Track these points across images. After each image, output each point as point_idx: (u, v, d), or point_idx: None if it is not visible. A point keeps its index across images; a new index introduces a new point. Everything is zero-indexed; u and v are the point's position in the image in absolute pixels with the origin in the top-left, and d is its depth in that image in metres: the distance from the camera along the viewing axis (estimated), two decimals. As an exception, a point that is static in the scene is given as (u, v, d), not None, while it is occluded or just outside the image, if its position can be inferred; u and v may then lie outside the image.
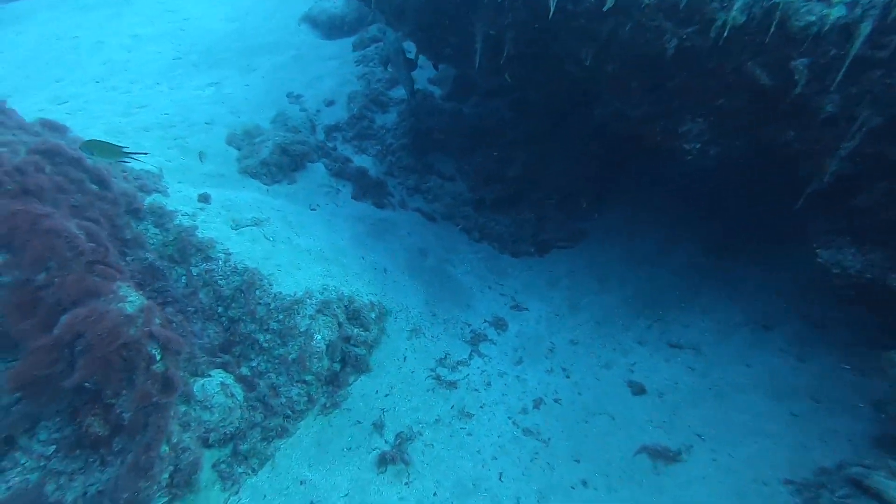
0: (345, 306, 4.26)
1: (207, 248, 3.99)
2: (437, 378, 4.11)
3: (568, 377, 4.10)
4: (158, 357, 2.99)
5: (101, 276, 3.05)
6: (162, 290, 3.84)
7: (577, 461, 3.46)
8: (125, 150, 3.37)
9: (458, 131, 7.53)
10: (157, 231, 4.04)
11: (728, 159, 4.03)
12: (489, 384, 4.05)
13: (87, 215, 3.42)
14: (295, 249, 4.61)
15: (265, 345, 3.87)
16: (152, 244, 4.02)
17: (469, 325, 4.87)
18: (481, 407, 3.82)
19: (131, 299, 3.06)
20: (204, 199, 4.49)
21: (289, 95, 7.61)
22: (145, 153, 3.72)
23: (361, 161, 7.26)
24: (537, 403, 3.87)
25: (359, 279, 4.78)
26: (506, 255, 6.44)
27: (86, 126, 5.24)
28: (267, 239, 4.51)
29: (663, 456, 3.42)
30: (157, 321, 3.06)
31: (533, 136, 6.99)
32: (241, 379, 3.73)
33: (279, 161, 5.66)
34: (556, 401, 3.88)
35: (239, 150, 5.70)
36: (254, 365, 3.86)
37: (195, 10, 10.57)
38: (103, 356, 2.68)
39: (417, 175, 7.51)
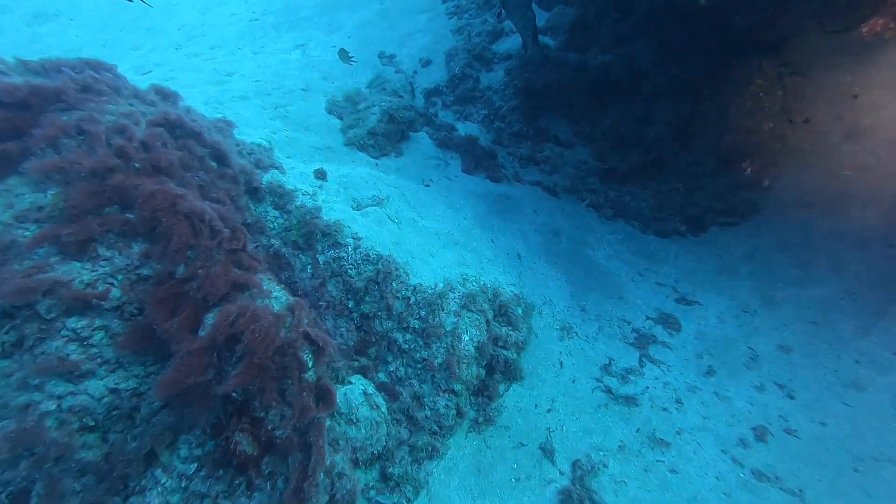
0: (489, 300, 3.85)
1: (335, 232, 3.72)
2: (608, 391, 3.60)
3: (792, 398, 3.41)
4: (311, 363, 2.74)
5: (243, 267, 2.83)
6: (290, 281, 3.64)
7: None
8: None
9: (579, 87, 6.79)
10: (277, 213, 3.82)
11: None
12: (680, 402, 3.47)
13: (212, 196, 3.24)
14: (422, 232, 4.25)
15: (405, 346, 3.56)
16: (272, 228, 3.82)
17: (628, 323, 4.29)
18: (678, 433, 3.26)
19: (277, 294, 2.82)
20: (320, 175, 4.23)
21: (381, 56, 7.26)
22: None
23: (465, 128, 6.79)
24: (760, 434, 3.23)
25: (494, 267, 4.35)
26: (650, 235, 5.72)
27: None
28: (392, 220, 4.18)
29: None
30: (305, 321, 2.80)
31: (681, 87, 6.11)
32: (381, 387, 3.46)
33: (387, 130, 5.31)
34: (788, 432, 3.21)
35: (341, 118, 5.43)
36: (392, 370, 3.57)
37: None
38: (261, 362, 2.44)
39: (531, 143, 6.91)
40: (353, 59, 4.55)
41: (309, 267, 3.73)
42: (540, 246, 4.97)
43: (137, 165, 2.78)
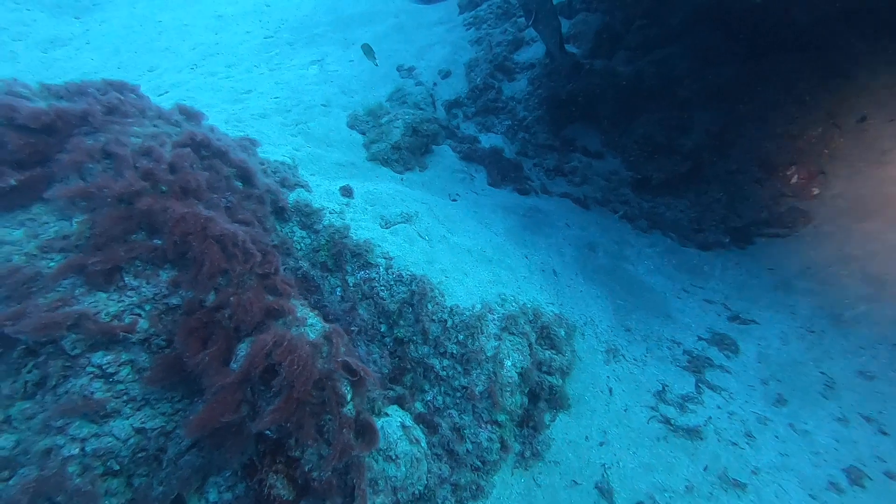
0: (531, 322, 3.67)
1: (365, 252, 3.59)
2: (666, 421, 3.37)
3: (885, 434, 3.14)
4: (349, 396, 2.58)
5: (276, 293, 2.70)
6: (319, 305, 3.51)
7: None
8: None
9: (608, 96, 6.67)
10: (304, 234, 3.72)
11: None
12: (751, 436, 3.22)
13: (239, 217, 3.14)
14: (454, 250, 4.11)
15: (442, 373, 3.39)
16: (299, 249, 3.71)
17: (679, 344, 4.07)
18: (753, 473, 3.00)
19: (312, 322, 2.68)
20: (347, 192, 4.14)
21: (399, 69, 7.24)
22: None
23: (488, 140, 6.69)
24: (855, 477, 2.96)
25: (530, 285, 4.18)
26: (691, 248, 5.52)
27: (201, 117, 5.18)
28: (422, 238, 4.05)
29: None
30: (342, 349, 2.66)
31: (718, 92, 5.95)
32: (419, 418, 3.28)
33: (411, 144, 5.23)
34: (891, 476, 2.94)
35: (363, 133, 5.36)
36: (429, 399, 3.39)
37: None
38: (301, 396, 2.29)
39: (557, 153, 6.79)
40: (376, 58, 4.92)
41: (338, 289, 3.60)
42: (576, 261, 4.79)
43: (164, 188, 2.69)
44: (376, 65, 3.87)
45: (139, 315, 2.43)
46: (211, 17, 10.07)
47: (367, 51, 5.34)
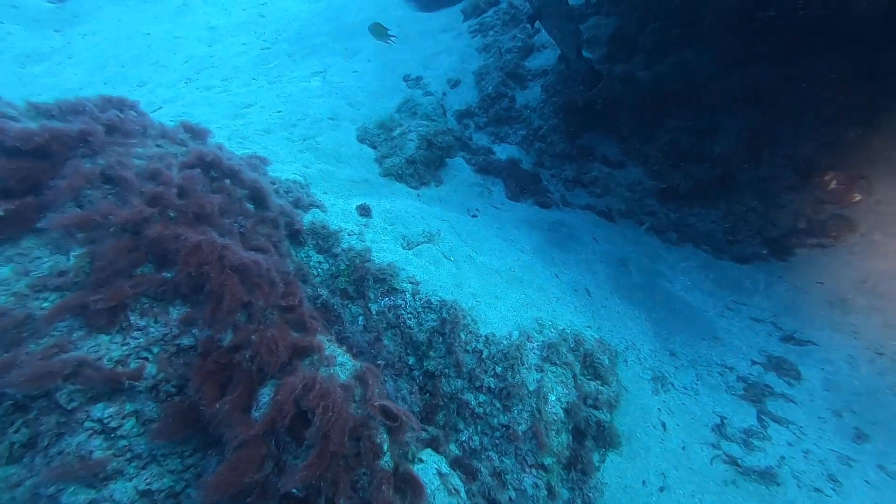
0: (572, 349, 3.43)
1: (390, 276, 3.36)
2: (732, 462, 3.11)
3: None
4: (385, 446, 2.33)
5: (302, 328, 2.47)
6: (340, 337, 3.26)
7: None
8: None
9: (627, 102, 6.53)
10: (321, 258, 3.49)
11: None
12: (835, 480, 2.96)
13: (254, 244, 2.91)
14: (481, 271, 3.88)
15: (479, 410, 3.13)
16: (317, 275, 3.48)
17: (731, 370, 3.83)
18: (847, 525, 2.75)
19: (342, 360, 2.44)
20: (364, 211, 3.92)
21: (405, 79, 7.09)
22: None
23: (503, 151, 6.52)
24: None
25: (565, 307, 3.95)
26: (727, 261, 5.31)
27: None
28: (448, 259, 3.83)
29: None
30: (377, 391, 2.41)
31: (747, 95, 5.80)
32: (455, 463, 3.02)
33: (426, 157, 5.04)
34: None
35: (375, 147, 5.18)
36: (464, 439, 3.14)
37: (270, -7, 10.59)
38: (337, 449, 2.04)
39: (575, 163, 6.61)
40: (391, 36, 4.87)
41: (360, 318, 3.36)
42: (609, 279, 4.57)
43: (173, 214, 2.47)
44: (388, 43, 4.04)
45: (146, 359, 2.18)
46: (203, 28, 9.95)
47: (378, 30, 5.23)
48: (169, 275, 2.23)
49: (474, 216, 4.95)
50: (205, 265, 2.14)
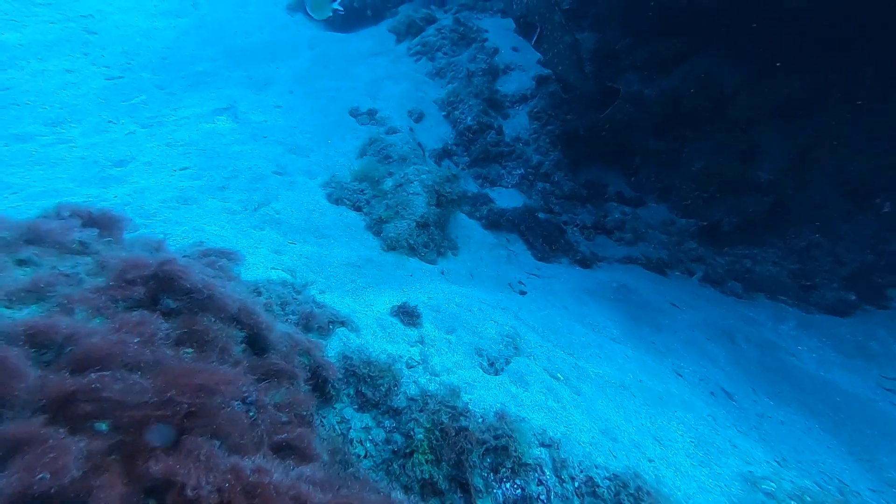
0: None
1: (508, 440, 2.05)
2: None
3: None
4: None
5: None
6: None
7: None
8: None
9: (641, 125, 5.99)
10: (367, 421, 2.08)
11: None
12: None
13: (277, 439, 1.49)
14: (606, 391, 2.72)
15: None
16: (364, 455, 2.06)
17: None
18: None
19: None
20: (407, 316, 2.59)
21: (353, 113, 5.87)
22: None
23: (500, 197, 5.55)
24: None
25: (738, 434, 2.93)
26: (820, 315, 4.78)
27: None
28: (555, 378, 2.63)
29: None
30: None
31: (781, 110, 5.52)
32: None
33: (439, 216, 3.85)
34: None
35: (359, 209, 3.86)
36: None
37: (97, 1, 8.61)
38: None
39: (590, 205, 5.85)
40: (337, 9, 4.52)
41: (478, 539, 1.99)
42: (733, 366, 3.68)
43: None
44: (332, 14, 3.87)
45: None
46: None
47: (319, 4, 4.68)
48: None
49: (523, 294, 3.83)
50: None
